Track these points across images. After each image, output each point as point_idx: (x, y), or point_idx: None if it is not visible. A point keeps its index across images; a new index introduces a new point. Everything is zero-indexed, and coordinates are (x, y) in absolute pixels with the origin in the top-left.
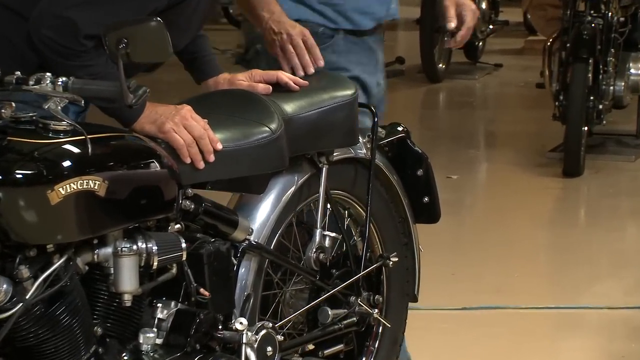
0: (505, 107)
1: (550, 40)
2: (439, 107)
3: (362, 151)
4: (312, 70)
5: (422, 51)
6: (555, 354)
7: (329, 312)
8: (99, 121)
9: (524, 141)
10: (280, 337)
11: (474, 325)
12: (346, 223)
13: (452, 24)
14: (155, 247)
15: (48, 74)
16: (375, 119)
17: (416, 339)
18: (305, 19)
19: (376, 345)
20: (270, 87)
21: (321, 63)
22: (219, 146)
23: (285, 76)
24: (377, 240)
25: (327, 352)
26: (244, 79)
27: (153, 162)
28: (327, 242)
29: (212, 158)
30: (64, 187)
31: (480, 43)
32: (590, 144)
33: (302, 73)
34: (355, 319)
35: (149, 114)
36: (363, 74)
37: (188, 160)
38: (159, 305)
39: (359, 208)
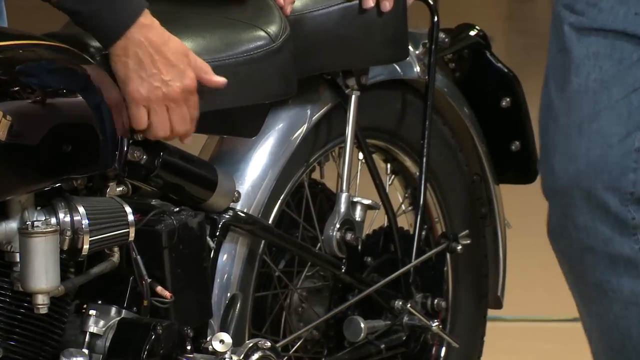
0: None
1: None
2: None
3: (415, 69)
4: None
5: None
6: None
7: (362, 325)
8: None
9: None
10: None
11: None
12: (389, 183)
13: None
14: (85, 221)
15: None
16: (435, 18)
17: None
18: None
19: None
20: None
21: None
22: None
23: None
24: (438, 210)
25: None
26: None
27: (83, 87)
28: (357, 214)
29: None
30: None
31: None
32: None
33: None
34: (403, 335)
35: (134, 49)
36: None
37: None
38: (93, 312)
39: (409, 160)
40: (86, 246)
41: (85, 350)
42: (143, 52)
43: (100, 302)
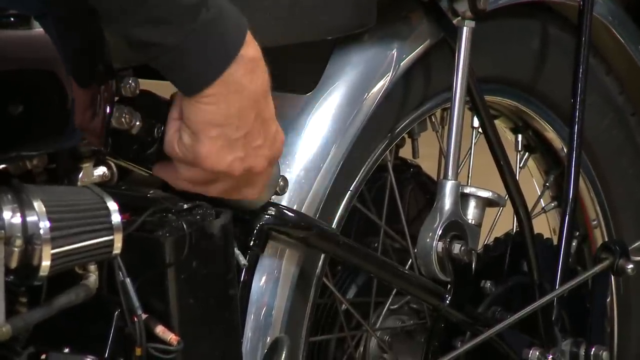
0: None
1: None
2: None
3: None
4: None
5: None
6: None
7: None
8: None
9: None
10: None
11: None
12: (519, 166)
13: None
14: (44, 223)
15: None
16: None
17: None
18: None
19: None
20: None
21: None
22: None
23: None
24: (597, 208)
25: None
26: None
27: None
28: (471, 213)
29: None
30: None
31: None
32: None
33: None
34: None
35: (231, 96)
36: None
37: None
38: None
39: (552, 129)
40: (46, 262)
41: None
42: (241, 101)
43: (67, 350)
